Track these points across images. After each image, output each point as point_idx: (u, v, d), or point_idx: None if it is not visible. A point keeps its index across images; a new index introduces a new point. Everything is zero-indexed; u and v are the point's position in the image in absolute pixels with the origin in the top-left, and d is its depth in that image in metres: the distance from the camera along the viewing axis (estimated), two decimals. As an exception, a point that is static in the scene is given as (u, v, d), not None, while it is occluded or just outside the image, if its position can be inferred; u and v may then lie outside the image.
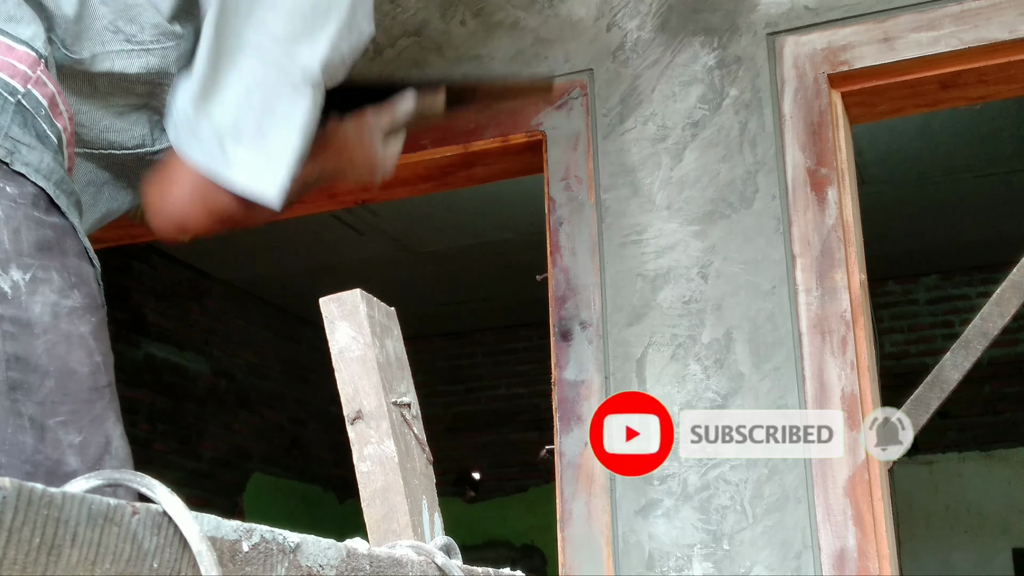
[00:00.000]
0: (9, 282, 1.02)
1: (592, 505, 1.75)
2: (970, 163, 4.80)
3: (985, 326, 1.72)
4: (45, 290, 1.04)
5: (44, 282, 1.04)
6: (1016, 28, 1.70)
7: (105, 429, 1.06)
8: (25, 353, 1.00)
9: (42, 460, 0.99)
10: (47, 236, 1.07)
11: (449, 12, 2.09)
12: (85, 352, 1.05)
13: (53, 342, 1.02)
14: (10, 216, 1.04)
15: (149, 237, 2.31)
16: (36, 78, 1.15)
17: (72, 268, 1.09)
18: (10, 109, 1.11)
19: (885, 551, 1.59)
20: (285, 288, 6.16)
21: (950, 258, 6.05)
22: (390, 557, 0.74)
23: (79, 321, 1.06)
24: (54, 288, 1.05)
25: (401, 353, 1.03)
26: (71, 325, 1.05)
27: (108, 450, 1.06)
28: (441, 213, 5.14)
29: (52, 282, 1.05)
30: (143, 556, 0.50)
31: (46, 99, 1.15)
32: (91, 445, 1.04)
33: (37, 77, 1.15)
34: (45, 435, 1.00)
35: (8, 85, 1.12)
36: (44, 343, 1.02)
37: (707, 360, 1.76)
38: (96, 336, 1.08)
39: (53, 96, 1.16)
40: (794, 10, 1.85)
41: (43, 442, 1.00)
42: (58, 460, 1.01)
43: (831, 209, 1.74)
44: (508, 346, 7.16)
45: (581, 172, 1.90)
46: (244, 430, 6.08)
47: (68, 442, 1.02)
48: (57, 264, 1.07)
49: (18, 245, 1.04)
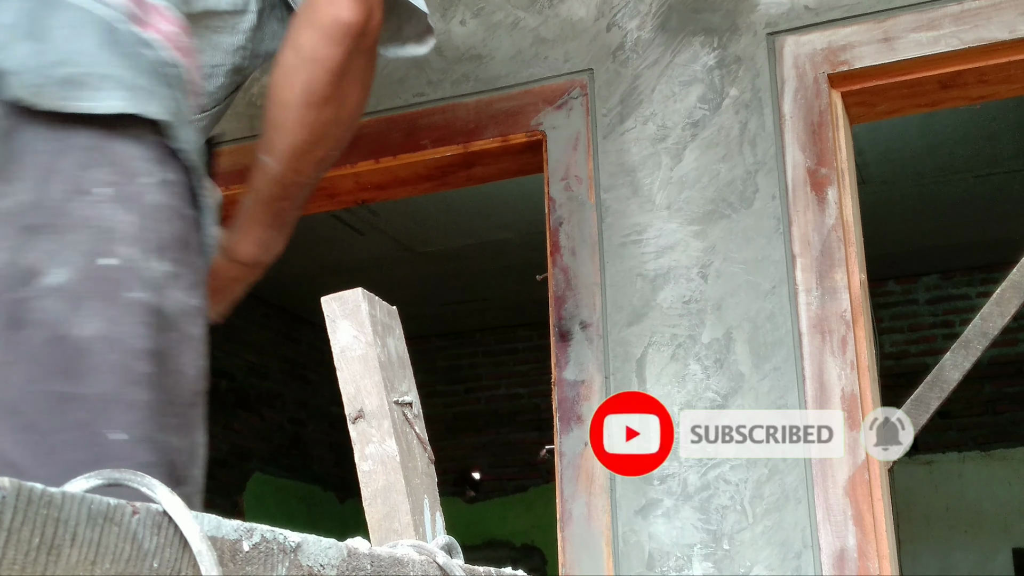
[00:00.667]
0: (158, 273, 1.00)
1: (592, 505, 1.75)
2: (970, 163, 4.80)
3: (985, 326, 1.72)
4: (180, 285, 1.02)
5: (179, 277, 1.03)
6: (1016, 28, 1.70)
7: (195, 436, 1.03)
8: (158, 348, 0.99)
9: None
10: (185, 230, 1.05)
11: (449, 12, 2.09)
12: (196, 355, 1.04)
13: (176, 340, 1.01)
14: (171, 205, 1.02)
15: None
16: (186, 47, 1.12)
17: (196, 265, 1.07)
18: (179, 83, 1.08)
19: (885, 551, 1.59)
20: (285, 288, 6.15)
21: (950, 258, 6.05)
22: (391, 556, 0.73)
23: (195, 323, 1.04)
24: (183, 285, 1.03)
25: (403, 352, 1.03)
26: (190, 326, 1.03)
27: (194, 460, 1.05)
28: (441, 213, 5.14)
29: (184, 278, 1.03)
30: (143, 556, 0.50)
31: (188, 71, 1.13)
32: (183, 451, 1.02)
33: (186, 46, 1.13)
34: None
35: (173, 59, 1.08)
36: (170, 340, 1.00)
37: (707, 360, 1.76)
38: (204, 340, 1.07)
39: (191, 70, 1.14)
40: (794, 10, 1.85)
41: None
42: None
43: (831, 209, 1.74)
44: (508, 346, 7.16)
45: (581, 172, 1.90)
46: (244, 430, 6.08)
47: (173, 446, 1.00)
48: (189, 260, 1.05)
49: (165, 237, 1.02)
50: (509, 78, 2.00)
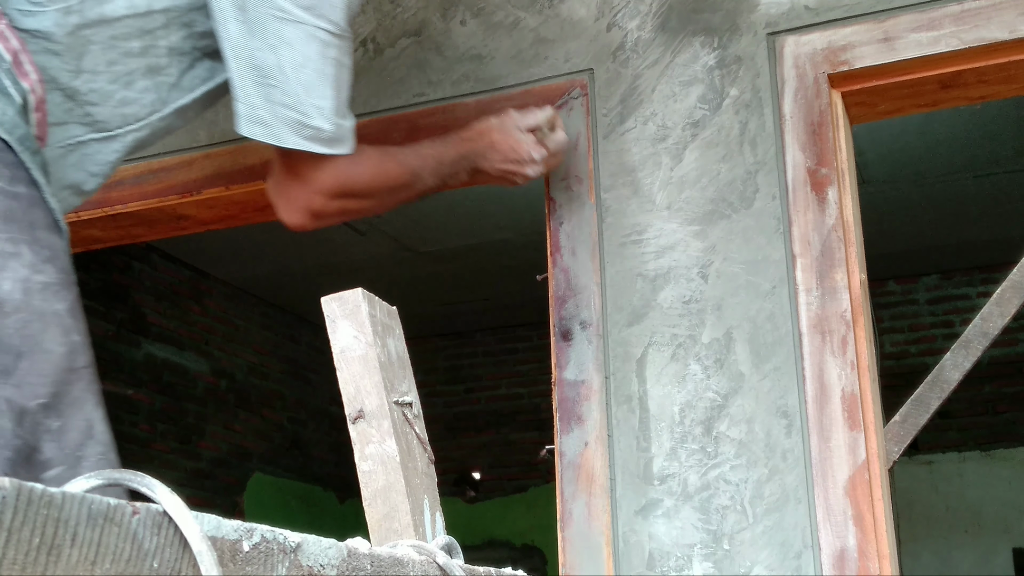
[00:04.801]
0: None
1: (592, 505, 1.75)
2: (970, 163, 4.80)
3: (985, 326, 1.72)
4: (15, 265, 0.97)
5: (13, 256, 0.97)
6: (1016, 28, 1.70)
7: (85, 412, 0.99)
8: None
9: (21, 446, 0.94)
10: (13, 207, 1.00)
11: (449, 12, 2.09)
12: (61, 331, 0.99)
13: (26, 320, 0.96)
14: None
15: (149, 237, 2.31)
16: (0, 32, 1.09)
17: (43, 241, 1.02)
18: None
19: (885, 551, 1.59)
20: (285, 288, 6.15)
21: (950, 258, 6.05)
22: (391, 556, 0.73)
23: (53, 298, 0.99)
24: (24, 263, 0.98)
25: (403, 352, 1.02)
26: (44, 302, 0.98)
27: (91, 435, 1.00)
28: (441, 213, 5.14)
29: (22, 256, 0.98)
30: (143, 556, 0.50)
31: (9, 54, 1.09)
32: (71, 430, 0.97)
33: (1, 31, 1.10)
34: (23, 419, 0.94)
35: None
36: (16, 322, 0.95)
37: (707, 360, 1.76)
38: (72, 314, 1.01)
39: (17, 53, 1.10)
40: (794, 10, 1.85)
41: (21, 426, 0.93)
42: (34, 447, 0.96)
43: (831, 209, 1.74)
44: (508, 346, 7.16)
45: (581, 172, 1.90)
46: (244, 430, 6.08)
47: (46, 427, 0.95)
48: (27, 237, 1.00)
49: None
50: (509, 78, 2.00)
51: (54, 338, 0.98)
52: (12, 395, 0.94)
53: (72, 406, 0.98)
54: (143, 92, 1.26)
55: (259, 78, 1.28)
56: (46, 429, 0.96)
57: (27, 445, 0.94)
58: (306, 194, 1.39)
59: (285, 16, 1.25)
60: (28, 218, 1.02)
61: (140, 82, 1.26)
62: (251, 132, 1.32)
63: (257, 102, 1.29)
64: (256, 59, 1.27)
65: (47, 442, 0.96)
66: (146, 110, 1.28)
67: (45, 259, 1.01)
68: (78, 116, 1.22)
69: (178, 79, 1.30)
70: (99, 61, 1.21)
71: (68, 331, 1.01)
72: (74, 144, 1.23)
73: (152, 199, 2.10)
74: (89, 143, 1.24)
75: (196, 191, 2.10)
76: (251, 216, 2.21)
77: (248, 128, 1.31)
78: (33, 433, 0.95)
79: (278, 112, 1.29)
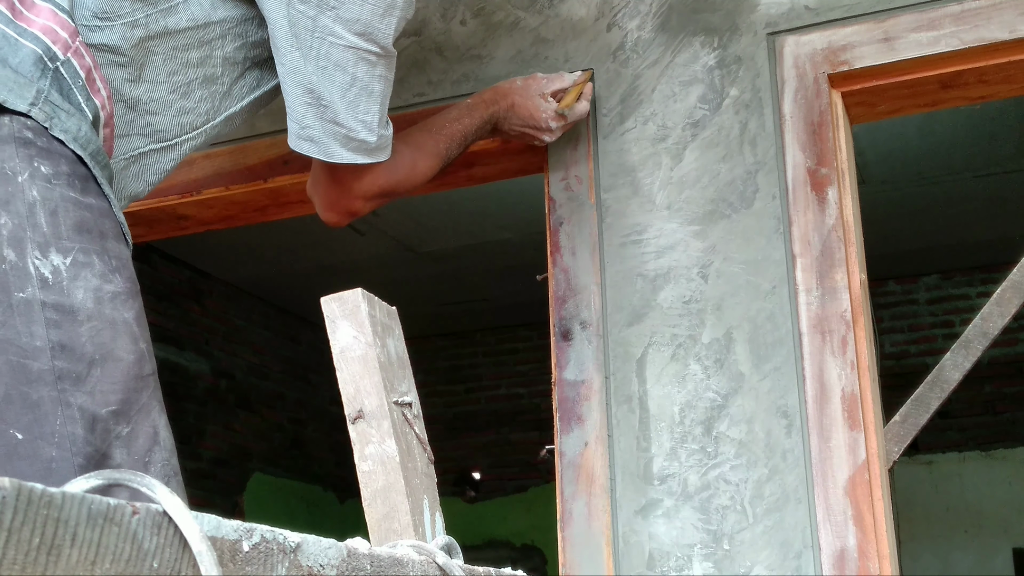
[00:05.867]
0: (49, 267, 0.98)
1: (592, 505, 1.75)
2: (970, 163, 4.80)
3: (985, 326, 1.72)
4: (87, 274, 1.00)
5: (85, 266, 1.01)
6: (1016, 28, 1.70)
7: (152, 419, 1.03)
8: (70, 341, 0.97)
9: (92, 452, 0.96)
10: (85, 217, 1.04)
11: (449, 12, 2.09)
12: (130, 339, 1.02)
13: (98, 329, 0.99)
14: (47, 197, 1.01)
15: (149, 237, 2.31)
16: (75, 48, 1.13)
17: (112, 251, 1.06)
18: (49, 75, 1.08)
19: (885, 551, 1.59)
20: (285, 288, 6.15)
21: (950, 258, 6.05)
22: (391, 557, 0.73)
23: (122, 307, 1.03)
24: (96, 272, 1.01)
25: (402, 352, 1.03)
26: (115, 311, 1.01)
27: (157, 440, 1.03)
28: (441, 213, 5.14)
29: (93, 266, 1.01)
30: (143, 556, 0.50)
31: (83, 71, 1.13)
32: (139, 436, 1.01)
33: (76, 47, 1.13)
34: (95, 426, 0.97)
35: (50, 51, 1.09)
36: (88, 330, 0.98)
37: (707, 360, 1.76)
38: (139, 322, 1.05)
39: (91, 70, 1.14)
40: (794, 10, 1.85)
41: (92, 433, 0.96)
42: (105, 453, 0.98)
43: (831, 209, 1.74)
44: (508, 346, 7.16)
45: (581, 172, 1.90)
46: (244, 430, 6.08)
47: (116, 433, 0.99)
48: (97, 247, 1.03)
49: (56, 228, 1.00)
50: (509, 78, 2.00)
51: (124, 346, 1.01)
52: (85, 402, 0.96)
53: (140, 413, 1.01)
54: (200, 101, 1.32)
55: (312, 100, 1.34)
56: (116, 435, 0.99)
57: (98, 452, 0.97)
58: (347, 199, 1.49)
59: (339, 42, 1.32)
60: (99, 228, 1.06)
61: (197, 92, 1.31)
62: (301, 148, 1.38)
63: (309, 121, 1.35)
64: (311, 83, 1.33)
65: (117, 448, 0.98)
66: (202, 119, 1.33)
67: (114, 268, 1.05)
68: (139, 127, 1.27)
69: (230, 88, 1.35)
70: (160, 72, 1.26)
71: (136, 339, 1.04)
72: (136, 156, 1.29)
73: (152, 199, 2.10)
74: (149, 154, 1.30)
75: (196, 191, 2.10)
76: (251, 216, 2.21)
77: (298, 144, 1.38)
78: (104, 440, 0.98)
79: (327, 129, 1.36)
